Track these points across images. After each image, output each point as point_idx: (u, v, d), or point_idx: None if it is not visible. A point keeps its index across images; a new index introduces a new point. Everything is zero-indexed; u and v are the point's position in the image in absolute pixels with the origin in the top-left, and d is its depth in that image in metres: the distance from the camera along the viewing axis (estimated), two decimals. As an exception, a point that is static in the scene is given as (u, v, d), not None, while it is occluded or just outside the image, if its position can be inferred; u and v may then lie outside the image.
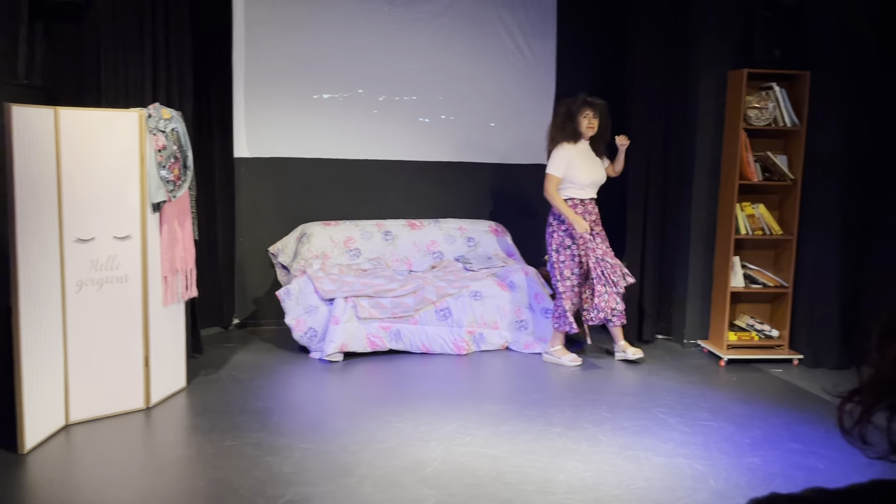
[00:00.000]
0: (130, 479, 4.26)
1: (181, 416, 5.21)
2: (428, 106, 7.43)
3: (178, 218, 5.32)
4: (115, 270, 4.92)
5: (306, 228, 7.02)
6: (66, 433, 4.72)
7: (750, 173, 6.38)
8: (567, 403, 5.54)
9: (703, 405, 5.45)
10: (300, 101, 7.14)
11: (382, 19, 7.16)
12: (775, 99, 6.38)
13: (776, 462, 4.52)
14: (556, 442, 4.75)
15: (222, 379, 5.80)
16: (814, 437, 4.88)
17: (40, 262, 4.47)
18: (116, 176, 4.89)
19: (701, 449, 4.67)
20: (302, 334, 6.34)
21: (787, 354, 6.45)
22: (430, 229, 7.29)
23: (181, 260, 5.38)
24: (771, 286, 6.53)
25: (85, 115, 4.80)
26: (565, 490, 4.11)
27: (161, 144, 5.03)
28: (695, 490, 4.10)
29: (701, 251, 6.78)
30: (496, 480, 4.20)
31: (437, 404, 5.40)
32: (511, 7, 7.38)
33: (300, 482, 4.13)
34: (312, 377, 5.99)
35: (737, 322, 6.65)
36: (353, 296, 6.27)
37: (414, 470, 4.32)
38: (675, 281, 6.91)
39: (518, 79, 7.49)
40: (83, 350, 4.80)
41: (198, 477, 4.30)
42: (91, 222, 4.79)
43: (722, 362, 6.40)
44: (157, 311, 5.19)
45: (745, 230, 6.44)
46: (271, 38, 6.99)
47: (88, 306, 4.81)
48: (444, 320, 6.45)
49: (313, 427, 4.97)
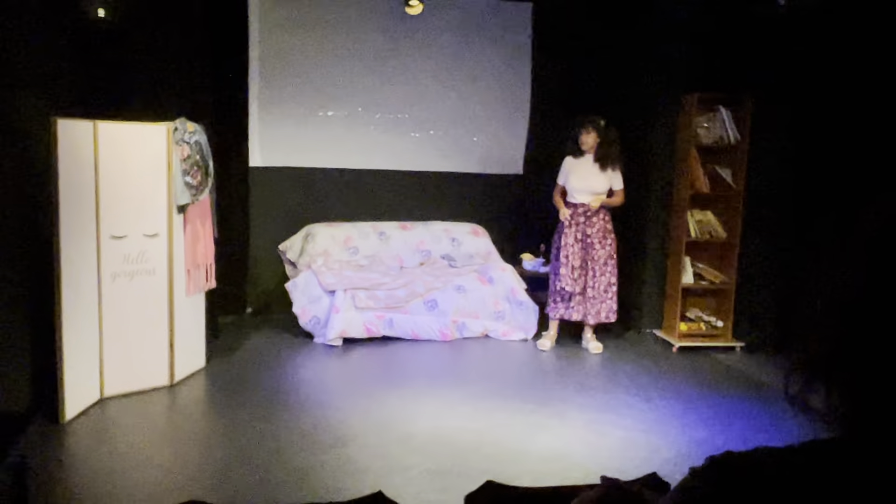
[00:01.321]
0: (156, 447, 4.27)
1: (201, 392, 5.21)
2: (418, 122, 7.44)
3: (200, 218, 5.31)
4: (145, 264, 4.91)
5: (311, 229, 7.02)
6: (100, 406, 4.73)
7: (700, 184, 6.43)
8: (539, 384, 5.57)
9: (658, 386, 5.49)
10: (307, 117, 7.14)
11: (380, 46, 7.16)
12: (721, 119, 6.43)
13: (721, 435, 4.56)
14: (529, 417, 4.78)
15: (237, 360, 5.80)
16: (753, 413, 4.93)
17: (80, 256, 4.48)
18: (147, 181, 4.89)
19: (655, 424, 4.71)
20: (307, 321, 6.34)
21: (730, 342, 6.50)
22: (420, 230, 7.30)
23: (202, 255, 5.38)
24: (717, 283, 6.58)
25: (120, 127, 4.79)
26: (537, 459, 4.14)
27: (186, 154, 5.02)
28: (650, 459, 4.14)
29: (656, 252, 6.83)
30: (476, 451, 4.23)
31: (424, 384, 5.41)
32: (492, 38, 7.40)
33: (305, 451, 4.15)
34: (316, 359, 6.00)
35: (687, 314, 6.69)
36: (352, 288, 6.28)
37: (404, 441, 4.34)
38: (634, 277, 6.94)
39: (498, 99, 7.51)
40: (116, 333, 4.81)
41: (215, 446, 4.31)
42: (124, 221, 4.78)
43: (674, 348, 6.44)
44: (181, 300, 5.18)
45: (695, 234, 6.49)
46: (282, 63, 6.98)
47: (121, 295, 4.81)
48: (432, 310, 6.46)
49: (316, 403, 4.98)
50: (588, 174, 6.12)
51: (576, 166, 6.16)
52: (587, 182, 6.12)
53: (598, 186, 6.12)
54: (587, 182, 6.12)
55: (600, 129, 6.09)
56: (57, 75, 4.79)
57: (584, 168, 6.14)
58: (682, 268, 6.49)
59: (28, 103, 4.34)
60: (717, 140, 6.44)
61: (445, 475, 3.88)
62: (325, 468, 3.94)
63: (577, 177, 6.14)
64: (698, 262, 6.62)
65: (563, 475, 3.88)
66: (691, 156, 6.38)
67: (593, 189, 6.11)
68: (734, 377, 5.79)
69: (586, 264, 6.16)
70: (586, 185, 6.12)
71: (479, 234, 7.42)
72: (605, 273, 6.17)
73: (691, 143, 6.38)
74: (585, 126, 6.09)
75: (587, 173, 6.13)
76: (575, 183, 6.14)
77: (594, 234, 6.15)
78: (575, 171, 6.15)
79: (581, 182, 6.12)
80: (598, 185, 6.13)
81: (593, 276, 6.15)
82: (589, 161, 6.14)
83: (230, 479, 3.80)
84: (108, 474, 3.86)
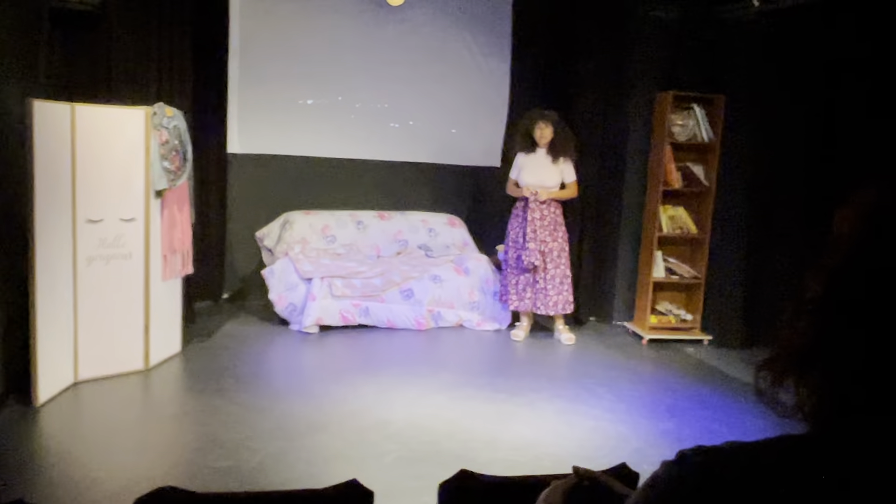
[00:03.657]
0: (130, 431, 4.24)
1: (176, 377, 5.17)
2: (398, 113, 7.41)
3: (177, 204, 5.26)
4: (121, 248, 4.86)
5: (289, 216, 6.97)
6: (74, 389, 4.67)
7: (672, 180, 6.47)
8: (511, 374, 5.59)
9: (627, 377, 5.54)
10: (287, 105, 7.08)
11: (361, 36, 7.11)
12: (695, 117, 6.48)
13: (687, 426, 4.62)
14: (501, 406, 4.80)
15: (212, 345, 5.76)
16: (720, 406, 4.99)
17: (55, 239, 4.42)
18: (124, 165, 4.83)
19: (624, 414, 4.75)
20: (283, 308, 6.31)
21: (698, 335, 6.56)
22: (397, 220, 7.28)
23: (179, 241, 5.33)
24: (687, 277, 6.65)
25: (98, 110, 4.73)
26: (509, 447, 4.17)
27: (164, 139, 4.97)
28: (618, 448, 4.17)
29: (629, 246, 6.88)
30: (450, 438, 4.25)
31: (399, 372, 5.42)
32: (473, 31, 7.38)
33: (279, 437, 4.14)
34: (291, 346, 5.97)
35: (657, 307, 6.75)
36: (329, 276, 6.26)
37: (379, 428, 4.34)
38: (606, 271, 6.98)
39: (477, 92, 7.50)
40: (91, 317, 4.75)
41: (188, 431, 4.29)
42: (101, 205, 4.72)
43: (644, 341, 6.49)
44: (157, 285, 5.13)
45: (667, 229, 6.54)
46: (262, 50, 6.92)
47: (97, 279, 4.75)
48: (408, 299, 6.46)
49: (292, 389, 4.97)
50: (540, 168, 6.15)
51: (528, 161, 6.18)
52: (540, 176, 6.15)
53: (550, 180, 6.16)
54: (540, 176, 6.15)
55: (556, 122, 6.13)
56: (35, 58, 4.71)
57: (537, 162, 6.16)
58: (654, 262, 6.54)
59: (4, 86, 4.26)
60: (690, 137, 6.49)
61: (420, 463, 3.89)
62: (300, 455, 3.93)
63: (529, 172, 6.16)
64: (670, 257, 6.68)
65: (534, 463, 3.91)
66: (665, 152, 6.43)
67: (545, 183, 6.16)
68: (702, 370, 5.85)
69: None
70: (539, 179, 6.15)
71: (455, 225, 7.41)
72: (560, 265, 6.19)
73: (665, 140, 6.42)
74: (543, 120, 6.11)
75: (539, 167, 6.15)
76: (528, 178, 6.16)
77: (545, 227, 6.17)
78: (527, 166, 6.18)
79: (533, 177, 6.15)
80: (551, 178, 6.17)
81: (546, 268, 6.16)
82: (541, 155, 6.16)
83: (204, 465, 3.78)
84: (81, 458, 3.82)
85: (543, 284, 6.17)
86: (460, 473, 1.92)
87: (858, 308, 0.75)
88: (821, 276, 0.79)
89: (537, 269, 6.14)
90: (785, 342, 0.80)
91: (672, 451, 0.82)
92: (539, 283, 6.18)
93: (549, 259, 6.16)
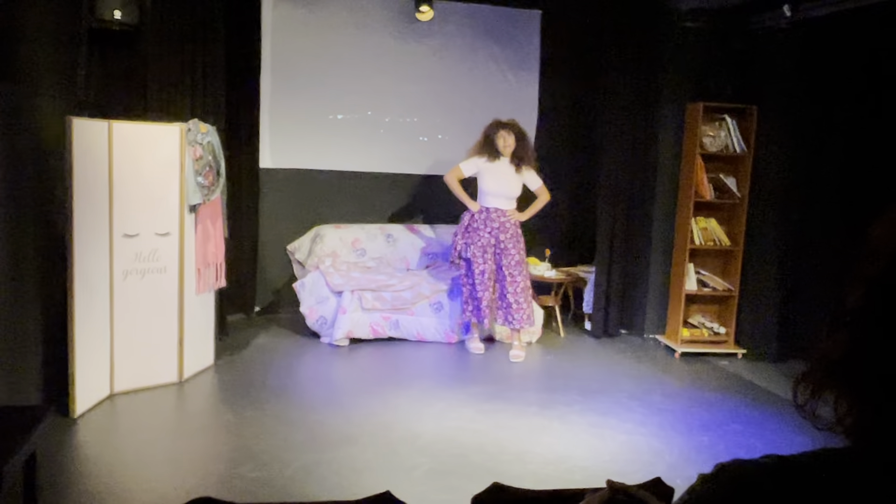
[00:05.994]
0: (164, 443, 4.28)
1: (209, 390, 5.22)
2: (427, 127, 7.44)
3: (210, 218, 5.32)
4: (156, 262, 4.93)
5: (319, 230, 7.02)
6: (110, 401, 4.74)
7: (704, 192, 6.42)
8: (542, 387, 5.57)
9: (660, 391, 5.49)
10: (318, 120, 7.15)
11: (390, 51, 7.17)
12: (727, 128, 6.43)
13: (721, 440, 4.56)
14: (532, 420, 4.78)
15: (244, 358, 5.81)
16: (755, 420, 4.92)
17: (93, 254, 4.49)
18: (159, 181, 4.90)
19: (657, 428, 4.70)
20: (314, 321, 6.35)
21: (732, 349, 6.49)
22: (426, 234, 7.30)
23: (213, 255, 5.39)
24: (719, 290, 6.57)
25: (134, 127, 4.81)
26: (540, 461, 4.14)
27: (198, 154, 5.04)
28: (652, 463, 4.13)
29: (660, 258, 6.82)
30: (480, 451, 4.23)
31: (429, 385, 5.42)
32: (501, 45, 7.40)
33: (311, 449, 4.15)
34: (322, 359, 6.00)
35: (690, 320, 6.68)
36: (359, 289, 6.28)
37: (409, 440, 4.34)
38: (638, 283, 6.93)
39: (506, 105, 7.48)
40: (127, 330, 4.82)
41: (222, 442, 4.32)
42: (137, 220, 4.80)
43: (677, 354, 6.43)
44: (191, 299, 5.19)
45: (698, 241, 6.48)
46: (293, 67, 6.99)
47: (132, 293, 4.82)
48: (437, 312, 6.46)
49: (323, 402, 4.99)
50: (504, 177, 6.12)
51: (491, 169, 6.13)
52: (504, 186, 6.13)
53: (513, 190, 6.16)
54: (504, 186, 6.13)
55: (519, 131, 6.13)
56: (73, 76, 4.81)
57: (500, 171, 6.13)
58: (686, 274, 6.48)
59: (45, 103, 4.35)
60: (722, 149, 6.44)
61: (450, 475, 3.88)
62: (331, 466, 3.95)
63: (493, 180, 6.12)
64: (702, 269, 6.61)
65: (566, 477, 3.88)
66: (696, 164, 6.38)
67: (510, 193, 6.15)
68: (736, 384, 5.78)
69: (501, 269, 6.14)
70: (504, 189, 6.13)
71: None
72: (520, 277, 6.13)
73: (696, 151, 6.38)
74: (507, 129, 6.10)
75: (503, 176, 6.13)
76: (492, 186, 6.13)
77: (507, 240, 6.12)
78: (490, 173, 6.13)
79: (497, 185, 6.12)
80: (515, 188, 6.16)
81: (510, 281, 6.09)
82: (505, 164, 6.13)
83: (237, 476, 3.81)
84: (116, 469, 3.87)
85: (511, 299, 6.10)
86: (493, 486, 1.92)
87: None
88: (859, 287, 0.78)
89: (504, 281, 6.11)
90: (823, 354, 0.79)
91: (707, 466, 0.82)
92: (508, 298, 6.12)
93: (510, 271, 6.11)
